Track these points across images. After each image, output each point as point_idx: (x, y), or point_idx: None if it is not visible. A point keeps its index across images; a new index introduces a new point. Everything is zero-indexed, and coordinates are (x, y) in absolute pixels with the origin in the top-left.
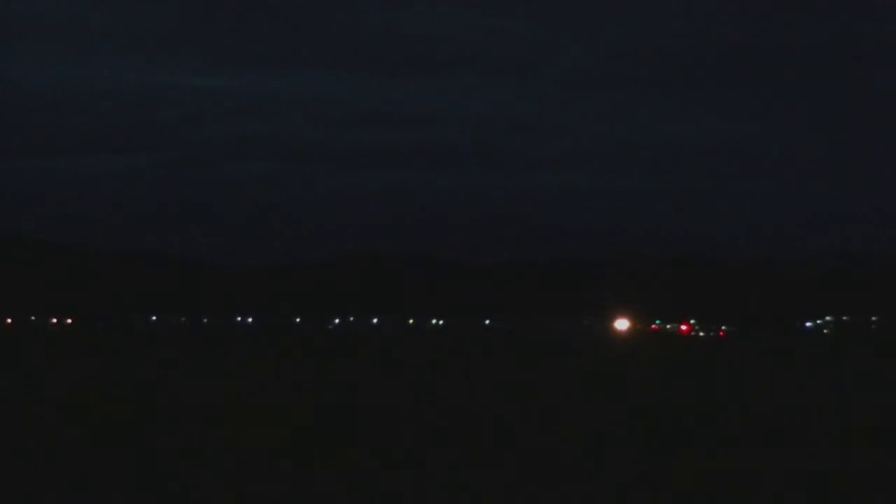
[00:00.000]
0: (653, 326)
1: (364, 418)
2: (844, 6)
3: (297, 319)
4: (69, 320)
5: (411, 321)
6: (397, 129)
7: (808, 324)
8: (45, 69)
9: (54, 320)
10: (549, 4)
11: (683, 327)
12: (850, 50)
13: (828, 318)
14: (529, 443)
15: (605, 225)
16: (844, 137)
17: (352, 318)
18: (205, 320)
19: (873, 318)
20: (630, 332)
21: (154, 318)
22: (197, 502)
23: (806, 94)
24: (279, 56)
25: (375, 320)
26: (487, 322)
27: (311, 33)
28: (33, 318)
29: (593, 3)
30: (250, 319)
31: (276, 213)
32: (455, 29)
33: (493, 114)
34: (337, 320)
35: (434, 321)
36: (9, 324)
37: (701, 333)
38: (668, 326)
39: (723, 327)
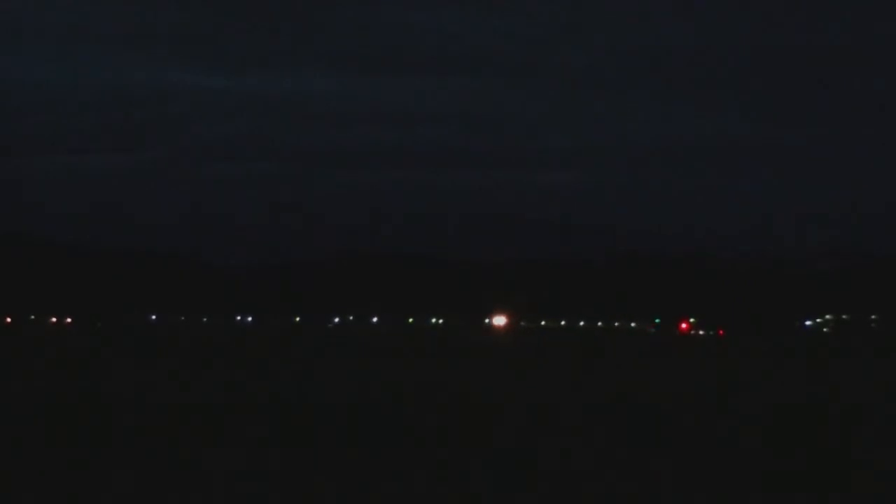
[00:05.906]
0: (651, 325)
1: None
2: (845, 6)
3: (297, 319)
4: (69, 320)
5: (411, 320)
6: (396, 129)
7: (808, 322)
8: (46, 69)
9: (54, 320)
10: (549, 4)
11: (683, 326)
12: (850, 50)
13: (828, 316)
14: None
15: (604, 224)
16: (844, 137)
17: (351, 318)
18: (204, 319)
19: (873, 317)
20: (508, 328)
21: (154, 317)
22: None
23: (806, 95)
24: (279, 56)
25: (375, 320)
26: (487, 321)
27: (312, 33)
28: (33, 317)
29: (593, 3)
30: (250, 319)
31: (276, 213)
32: (455, 29)
33: (493, 114)
34: (337, 319)
35: (434, 320)
36: (8, 323)
37: (701, 332)
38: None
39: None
